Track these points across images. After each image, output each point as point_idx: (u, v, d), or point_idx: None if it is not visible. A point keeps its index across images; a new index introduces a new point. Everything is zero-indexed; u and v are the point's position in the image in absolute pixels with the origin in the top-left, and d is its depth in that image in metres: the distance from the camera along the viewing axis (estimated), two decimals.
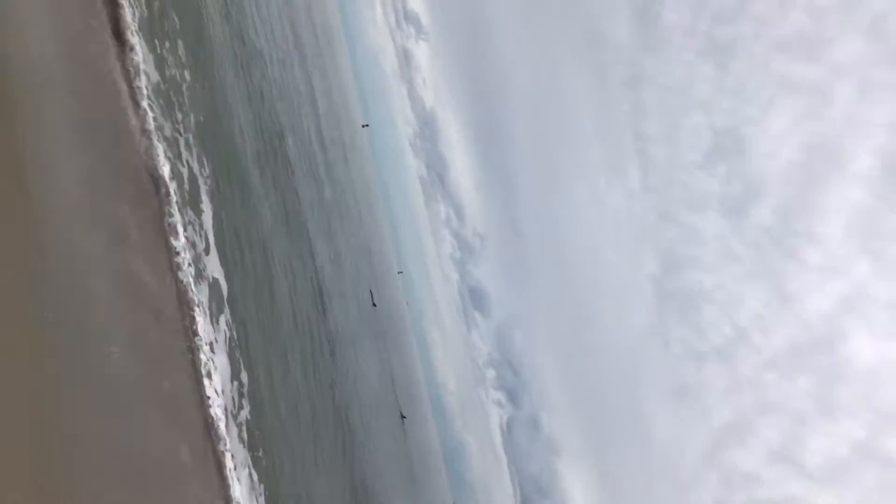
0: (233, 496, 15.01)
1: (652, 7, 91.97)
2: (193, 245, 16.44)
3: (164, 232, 14.83)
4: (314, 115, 53.17)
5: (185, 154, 17.40)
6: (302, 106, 47.61)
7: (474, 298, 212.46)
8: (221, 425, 15.17)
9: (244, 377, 18.13)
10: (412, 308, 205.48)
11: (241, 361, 18.13)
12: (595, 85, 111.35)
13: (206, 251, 17.55)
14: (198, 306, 15.44)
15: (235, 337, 18.16)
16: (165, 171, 15.16)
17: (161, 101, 16.30)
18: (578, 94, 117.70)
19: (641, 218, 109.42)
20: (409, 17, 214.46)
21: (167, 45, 17.65)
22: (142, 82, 14.90)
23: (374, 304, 68.66)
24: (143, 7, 16.22)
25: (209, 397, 14.95)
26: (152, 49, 16.56)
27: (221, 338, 17.05)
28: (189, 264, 15.66)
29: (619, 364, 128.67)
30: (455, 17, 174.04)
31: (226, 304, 18.06)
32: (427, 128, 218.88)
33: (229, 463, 15.16)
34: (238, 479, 15.64)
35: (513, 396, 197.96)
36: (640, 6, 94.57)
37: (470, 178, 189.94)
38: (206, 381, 14.94)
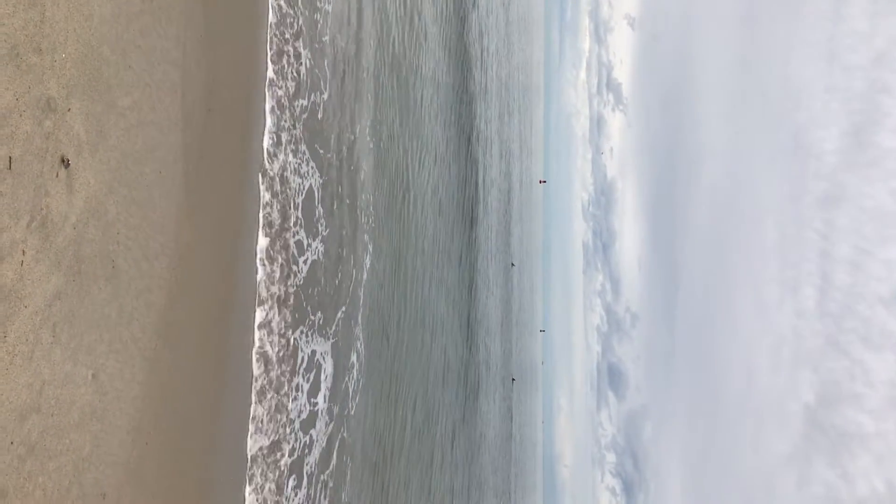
0: None
1: (870, 127, 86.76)
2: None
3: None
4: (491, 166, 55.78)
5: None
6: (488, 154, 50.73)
7: (612, 376, 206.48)
8: None
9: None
10: (546, 368, 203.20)
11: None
12: (788, 193, 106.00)
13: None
14: None
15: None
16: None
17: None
18: (768, 199, 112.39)
19: (808, 341, 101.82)
20: (610, 85, 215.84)
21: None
22: None
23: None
24: None
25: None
26: None
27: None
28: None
29: (748, 488, 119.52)
30: (657, 94, 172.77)
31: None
32: (603, 196, 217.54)
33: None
34: None
35: (628, 488, 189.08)
36: (857, 123, 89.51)
37: (634, 256, 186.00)
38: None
